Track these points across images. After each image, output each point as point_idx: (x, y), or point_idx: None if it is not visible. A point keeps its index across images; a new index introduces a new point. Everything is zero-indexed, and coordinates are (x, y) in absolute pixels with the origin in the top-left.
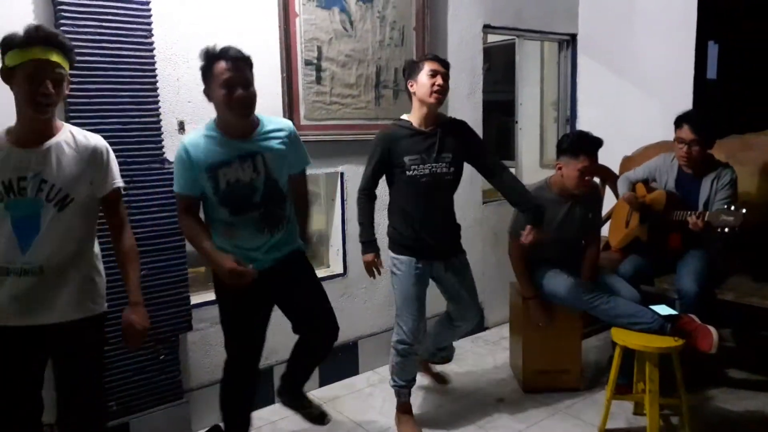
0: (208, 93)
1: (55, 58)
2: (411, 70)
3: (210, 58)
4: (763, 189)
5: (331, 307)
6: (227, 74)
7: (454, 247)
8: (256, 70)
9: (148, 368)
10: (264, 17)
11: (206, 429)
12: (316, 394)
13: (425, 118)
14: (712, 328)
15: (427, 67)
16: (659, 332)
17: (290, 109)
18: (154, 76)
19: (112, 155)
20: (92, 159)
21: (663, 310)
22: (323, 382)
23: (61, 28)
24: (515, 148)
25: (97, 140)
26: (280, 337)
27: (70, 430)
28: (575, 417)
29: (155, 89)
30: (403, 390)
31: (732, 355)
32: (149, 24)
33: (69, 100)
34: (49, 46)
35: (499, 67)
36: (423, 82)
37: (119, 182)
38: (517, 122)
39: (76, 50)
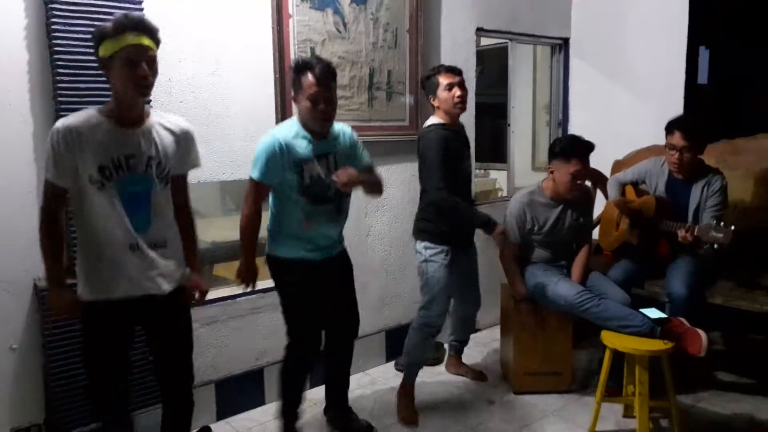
0: (296, 100)
1: (146, 41)
2: (429, 86)
3: (299, 69)
4: (753, 193)
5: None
6: (313, 89)
7: (472, 236)
8: (248, 72)
9: (139, 368)
10: (257, 18)
11: (196, 430)
12: (306, 395)
13: (453, 122)
14: (701, 332)
15: (443, 81)
16: (649, 335)
17: (283, 110)
18: None
19: (195, 137)
20: (186, 139)
21: (653, 313)
22: (312, 384)
23: (52, 28)
24: (507, 150)
25: (185, 122)
26: (271, 339)
27: (173, 388)
28: (565, 419)
29: None
30: (413, 368)
31: (721, 358)
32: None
33: (60, 99)
34: (139, 31)
35: (492, 70)
36: (444, 97)
37: (199, 163)
38: (509, 125)
39: (68, 50)
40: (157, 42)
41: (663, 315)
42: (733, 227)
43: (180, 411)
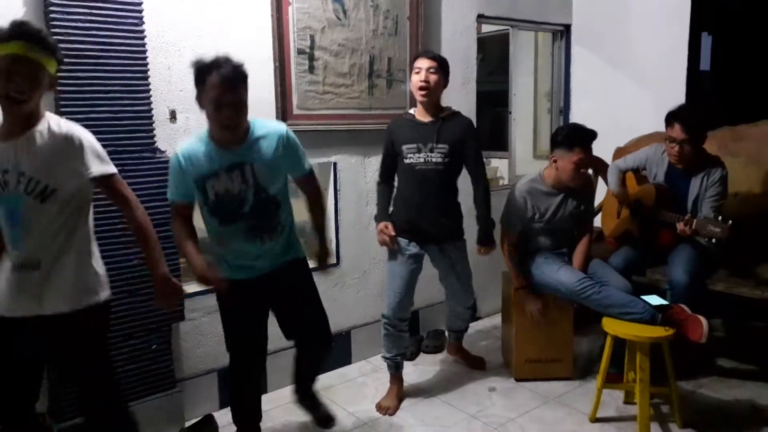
0: (200, 102)
1: (33, 55)
2: (410, 71)
3: (201, 70)
4: (755, 180)
5: (326, 318)
6: (216, 92)
7: (451, 233)
8: (248, 60)
9: (140, 358)
10: (256, 6)
11: (199, 418)
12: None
13: (424, 112)
14: (702, 318)
15: (414, 66)
16: (650, 322)
17: (283, 98)
18: (146, 65)
19: (88, 142)
20: (65, 148)
21: (654, 300)
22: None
23: (51, 16)
24: (508, 138)
25: (69, 127)
26: (272, 328)
27: (87, 418)
28: (566, 406)
29: (146, 78)
30: (387, 361)
31: (722, 344)
32: (140, 12)
33: (60, 88)
34: (30, 42)
35: (493, 57)
36: (413, 81)
37: (95, 171)
38: (510, 113)
39: (67, 38)
40: (56, 59)
41: (664, 302)
42: (730, 222)
43: None
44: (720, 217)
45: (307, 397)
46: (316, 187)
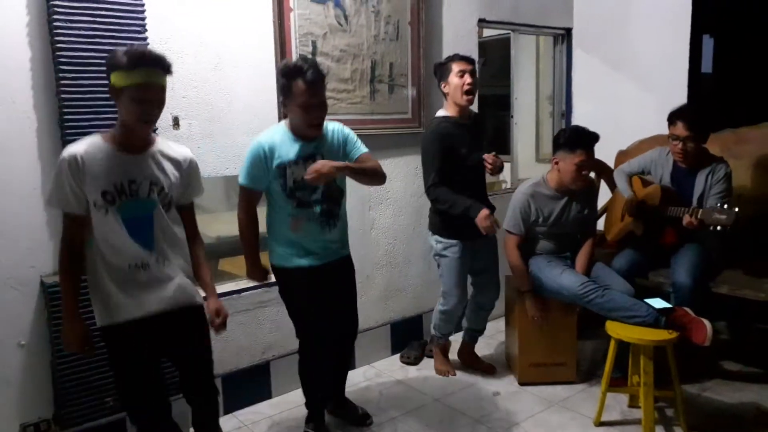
0: (286, 104)
1: (159, 79)
2: (441, 72)
3: (290, 74)
4: (757, 182)
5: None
6: (305, 97)
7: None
8: (250, 66)
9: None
10: (258, 12)
11: None
12: None
13: (461, 113)
14: (706, 321)
15: (455, 68)
16: (654, 325)
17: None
18: None
19: (198, 168)
20: (187, 168)
21: (658, 303)
22: None
23: (54, 24)
24: (511, 142)
25: (188, 151)
26: (277, 333)
27: (199, 407)
28: (571, 410)
29: None
30: (441, 339)
31: (726, 347)
32: (143, 19)
33: (63, 96)
34: (156, 68)
35: (495, 61)
36: (455, 83)
37: (201, 193)
38: (512, 117)
39: (70, 46)
40: (168, 74)
41: (668, 305)
42: (736, 209)
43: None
44: (725, 205)
45: (341, 403)
46: (376, 163)
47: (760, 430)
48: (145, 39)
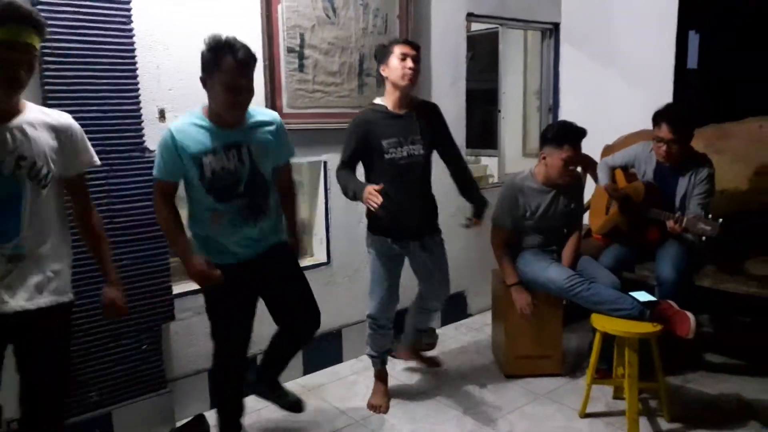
0: (206, 81)
1: (29, 39)
2: (382, 54)
3: (217, 49)
4: (741, 177)
5: (314, 297)
6: (232, 74)
7: (430, 227)
8: None
9: (130, 358)
10: (246, 4)
11: (189, 418)
12: (300, 381)
13: (399, 101)
14: (689, 314)
15: (397, 51)
16: (639, 318)
17: (272, 97)
18: (134, 64)
19: (83, 134)
20: (66, 136)
21: (642, 296)
22: (307, 371)
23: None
24: (498, 137)
25: (67, 118)
26: (262, 328)
27: (31, 420)
28: (556, 401)
29: (135, 77)
30: (375, 360)
31: (709, 339)
32: (128, 10)
33: (47, 87)
34: (24, 25)
35: (483, 55)
36: (394, 65)
37: (94, 161)
38: (500, 111)
39: (54, 36)
40: (42, 37)
41: (652, 298)
42: (720, 220)
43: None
44: (710, 215)
45: (274, 385)
46: (292, 177)
47: (741, 421)
48: (130, 30)
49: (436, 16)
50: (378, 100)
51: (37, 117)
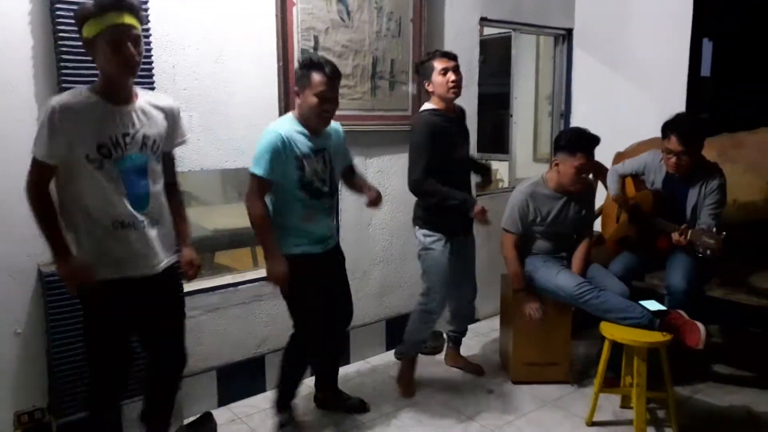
0: (299, 94)
1: (129, 20)
2: (423, 71)
3: (310, 66)
4: (754, 187)
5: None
6: (323, 88)
7: (470, 225)
8: (252, 59)
9: (140, 355)
10: (261, 6)
11: (197, 416)
12: (307, 383)
13: (448, 107)
14: (699, 324)
15: (437, 66)
16: (648, 327)
17: (286, 98)
18: (150, 63)
19: (181, 114)
20: (171, 117)
21: (652, 305)
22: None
23: (57, 14)
24: (509, 141)
25: (172, 101)
26: (272, 327)
27: (165, 371)
28: (563, 409)
29: (151, 76)
30: (413, 350)
31: (719, 350)
32: (146, 10)
33: (64, 85)
34: (121, 9)
35: (495, 59)
36: (438, 81)
37: (188, 137)
38: (511, 115)
39: (73, 36)
40: (140, 19)
41: (662, 307)
42: (724, 233)
43: (166, 393)
44: (714, 229)
45: (335, 390)
46: (355, 172)
47: None
48: (147, 30)
49: (449, 20)
50: (430, 105)
51: (150, 100)
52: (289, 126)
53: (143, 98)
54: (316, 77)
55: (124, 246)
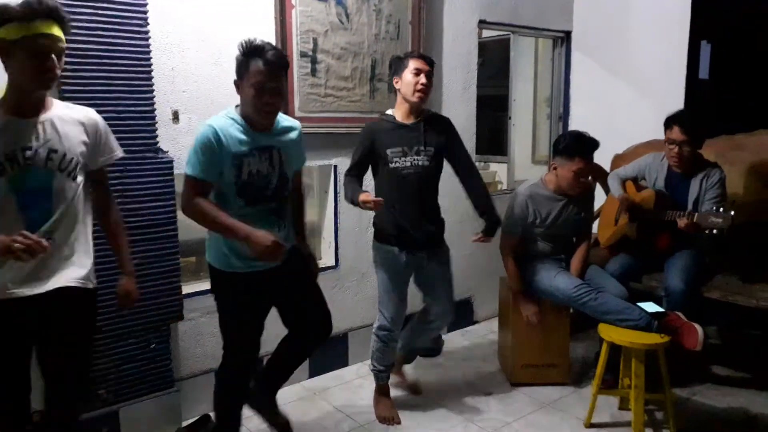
0: (239, 85)
1: (57, 32)
2: (396, 66)
3: (248, 52)
4: (751, 189)
5: (327, 305)
6: (260, 77)
7: (439, 239)
8: None
9: (138, 357)
10: (260, 8)
11: (196, 418)
12: (306, 384)
13: (408, 113)
14: (697, 326)
15: (411, 65)
16: (646, 329)
17: (285, 101)
18: (149, 65)
19: (107, 128)
20: (93, 130)
21: (650, 307)
22: (313, 374)
23: None
24: (508, 143)
25: (93, 113)
26: (269, 330)
27: (54, 407)
28: (562, 411)
29: (150, 78)
30: (382, 374)
31: (717, 352)
32: (144, 12)
33: (63, 87)
34: (51, 19)
35: (494, 62)
36: (407, 80)
37: (118, 153)
38: (510, 118)
39: (71, 38)
40: (67, 32)
41: (660, 309)
42: (732, 212)
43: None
44: (721, 209)
45: (271, 401)
46: (301, 184)
47: None
48: (146, 32)
49: (448, 23)
50: (389, 111)
51: (64, 112)
52: (223, 120)
53: (57, 110)
54: (254, 65)
55: (24, 265)
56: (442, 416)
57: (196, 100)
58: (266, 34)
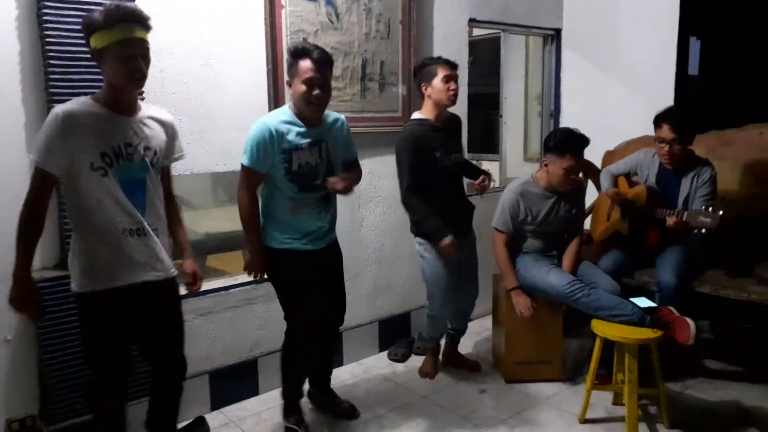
0: (291, 84)
1: (140, 33)
2: (423, 74)
3: (297, 54)
4: (741, 184)
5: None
6: (310, 74)
7: (469, 225)
8: (241, 63)
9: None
10: (249, 8)
11: (190, 420)
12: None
13: (440, 116)
14: (689, 320)
15: (441, 73)
16: (639, 324)
17: (275, 101)
18: None
19: (178, 129)
20: (171, 130)
21: (642, 302)
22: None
23: (44, 18)
24: (499, 141)
25: (170, 115)
26: (265, 330)
27: (167, 376)
28: (556, 407)
29: None
30: (431, 342)
31: (709, 346)
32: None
33: (51, 90)
34: (132, 22)
35: (484, 60)
36: (439, 87)
37: (184, 154)
38: (501, 116)
39: (60, 40)
40: (149, 30)
41: (652, 304)
42: (721, 212)
43: (171, 400)
44: (710, 208)
45: (327, 390)
46: (360, 171)
47: (740, 428)
48: None
49: (438, 22)
50: (418, 115)
51: (151, 113)
52: (278, 117)
53: (145, 111)
54: (303, 64)
55: (135, 252)
56: (437, 414)
57: (186, 102)
58: (256, 34)
